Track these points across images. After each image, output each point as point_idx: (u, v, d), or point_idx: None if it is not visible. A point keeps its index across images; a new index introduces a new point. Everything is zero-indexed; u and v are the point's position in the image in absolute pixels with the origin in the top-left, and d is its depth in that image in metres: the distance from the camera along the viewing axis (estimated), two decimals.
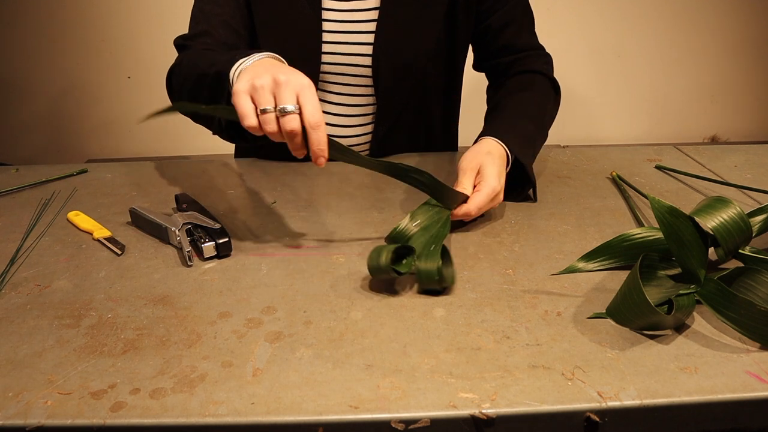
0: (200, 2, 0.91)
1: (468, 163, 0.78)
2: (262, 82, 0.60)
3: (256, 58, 0.67)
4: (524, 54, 0.96)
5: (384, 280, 0.66)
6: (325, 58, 0.92)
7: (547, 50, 1.00)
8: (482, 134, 0.84)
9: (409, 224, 0.71)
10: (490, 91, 1.01)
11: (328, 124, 0.98)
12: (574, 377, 0.51)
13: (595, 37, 2.56)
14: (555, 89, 0.96)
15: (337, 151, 0.64)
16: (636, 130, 2.77)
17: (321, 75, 0.94)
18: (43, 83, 2.54)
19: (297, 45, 0.91)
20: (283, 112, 0.60)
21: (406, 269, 0.64)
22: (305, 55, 0.92)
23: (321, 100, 0.97)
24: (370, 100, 0.96)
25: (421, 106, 0.99)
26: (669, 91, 2.70)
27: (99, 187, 0.93)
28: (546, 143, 0.92)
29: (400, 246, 0.65)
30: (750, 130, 2.83)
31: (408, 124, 0.99)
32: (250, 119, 0.60)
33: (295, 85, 0.60)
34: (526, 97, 0.91)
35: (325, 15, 0.90)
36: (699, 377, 0.51)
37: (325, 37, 0.91)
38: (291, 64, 0.92)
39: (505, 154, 0.80)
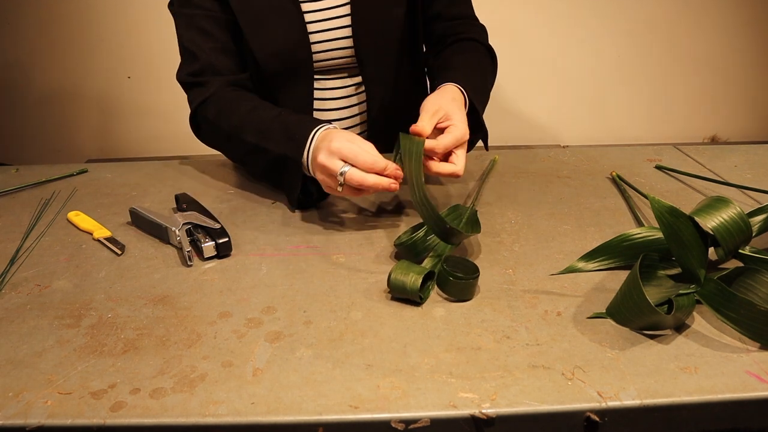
0: (188, 35, 0.91)
1: (432, 105, 0.78)
2: (324, 181, 0.74)
3: (311, 137, 0.77)
4: (457, 22, 0.98)
5: (384, 280, 0.66)
6: (315, 47, 0.93)
7: (548, 50, 1.01)
8: (442, 82, 0.86)
9: (423, 237, 0.69)
10: (430, 60, 1.03)
11: (326, 110, 1.00)
12: (574, 377, 0.51)
13: (595, 37, 2.56)
14: (491, 57, 0.99)
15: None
16: (636, 130, 2.76)
17: (315, 64, 0.95)
18: (42, 83, 2.53)
19: (285, 40, 0.92)
20: (342, 175, 0.71)
21: (426, 296, 0.64)
22: (296, 46, 0.92)
23: (323, 88, 0.98)
24: (357, 80, 0.97)
25: (406, 76, 1.00)
26: (669, 91, 2.70)
27: (99, 187, 0.93)
28: (546, 143, 0.93)
29: (428, 272, 0.64)
30: (750, 130, 2.82)
31: (398, 99, 1.00)
32: (346, 194, 0.74)
33: (333, 154, 0.72)
34: (469, 59, 0.94)
35: (305, 7, 0.91)
36: (699, 377, 0.51)
37: (310, 27, 0.92)
38: (285, 59, 0.93)
39: (464, 101, 0.82)
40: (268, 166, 0.84)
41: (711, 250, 0.64)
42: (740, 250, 0.64)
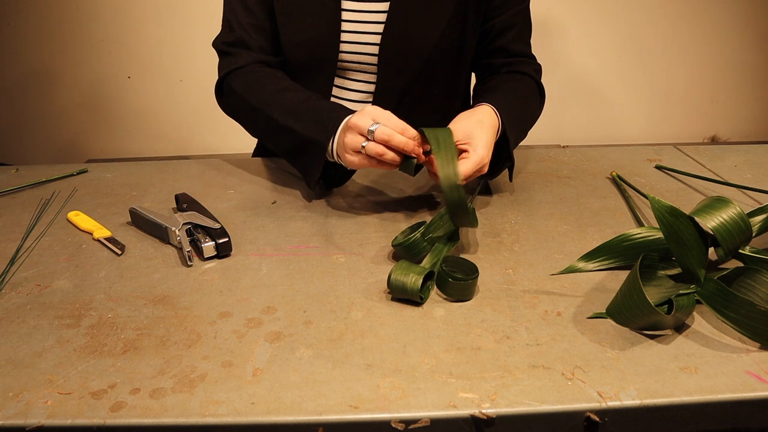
0: (231, 6, 0.94)
1: (455, 125, 0.79)
2: (348, 140, 0.75)
3: (340, 127, 0.78)
4: (517, 59, 0.98)
5: (384, 280, 0.66)
6: (343, 46, 0.93)
7: (548, 51, 1.01)
8: (478, 102, 0.85)
9: (421, 237, 0.69)
10: (477, 87, 1.02)
11: None
12: (574, 377, 0.51)
13: (595, 37, 2.56)
14: (540, 93, 0.98)
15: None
16: (636, 130, 2.77)
17: (339, 63, 0.95)
18: (42, 83, 2.54)
19: (316, 33, 0.92)
20: (371, 133, 0.72)
21: (426, 296, 0.63)
22: (325, 41, 0.92)
23: (339, 86, 0.98)
24: (371, 87, 0.97)
25: (422, 97, 0.99)
26: (669, 91, 2.70)
27: (99, 187, 0.93)
28: (546, 143, 0.93)
29: (428, 272, 0.63)
30: (750, 130, 2.83)
31: (406, 113, 1.00)
32: (364, 162, 0.75)
33: (366, 115, 0.74)
34: (516, 88, 0.93)
35: (344, 5, 0.91)
36: (699, 377, 0.51)
37: (344, 26, 0.92)
38: (311, 52, 0.94)
39: (497, 124, 0.81)
40: (291, 146, 0.85)
41: (711, 250, 0.64)
42: (740, 250, 0.64)
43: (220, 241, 0.71)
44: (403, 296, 0.62)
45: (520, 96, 0.92)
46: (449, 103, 1.04)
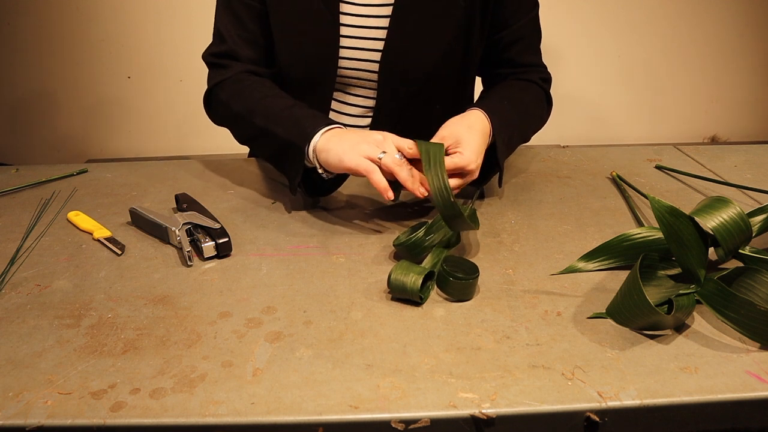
0: (223, 18, 0.93)
1: (443, 130, 0.79)
2: (367, 145, 0.74)
3: (323, 131, 0.78)
4: (523, 68, 0.96)
5: (384, 280, 0.66)
6: (342, 63, 0.92)
7: (548, 50, 1.00)
8: (472, 106, 0.85)
9: (423, 237, 0.69)
10: (481, 94, 1.02)
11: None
12: (574, 377, 0.51)
13: (595, 37, 2.56)
14: (547, 101, 0.97)
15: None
16: (636, 130, 2.77)
17: (338, 79, 0.94)
18: (43, 83, 2.54)
19: (314, 48, 0.91)
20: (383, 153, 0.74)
21: (426, 296, 0.63)
22: (323, 57, 0.91)
23: (339, 101, 0.97)
24: (371, 103, 0.96)
25: (423, 112, 0.98)
26: (669, 91, 2.70)
27: (99, 187, 0.93)
28: (546, 143, 0.92)
29: (428, 272, 0.63)
30: (750, 130, 2.82)
31: (407, 129, 0.99)
32: (376, 173, 0.73)
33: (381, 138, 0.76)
34: (516, 95, 0.92)
35: (343, 20, 0.90)
36: (699, 377, 0.51)
37: (342, 42, 0.91)
38: (309, 68, 0.93)
39: (488, 130, 0.81)
40: (273, 150, 0.85)
41: (711, 250, 0.64)
42: (740, 250, 0.64)
43: (220, 241, 0.71)
44: (403, 296, 0.62)
45: (519, 102, 0.91)
46: (449, 115, 1.03)
